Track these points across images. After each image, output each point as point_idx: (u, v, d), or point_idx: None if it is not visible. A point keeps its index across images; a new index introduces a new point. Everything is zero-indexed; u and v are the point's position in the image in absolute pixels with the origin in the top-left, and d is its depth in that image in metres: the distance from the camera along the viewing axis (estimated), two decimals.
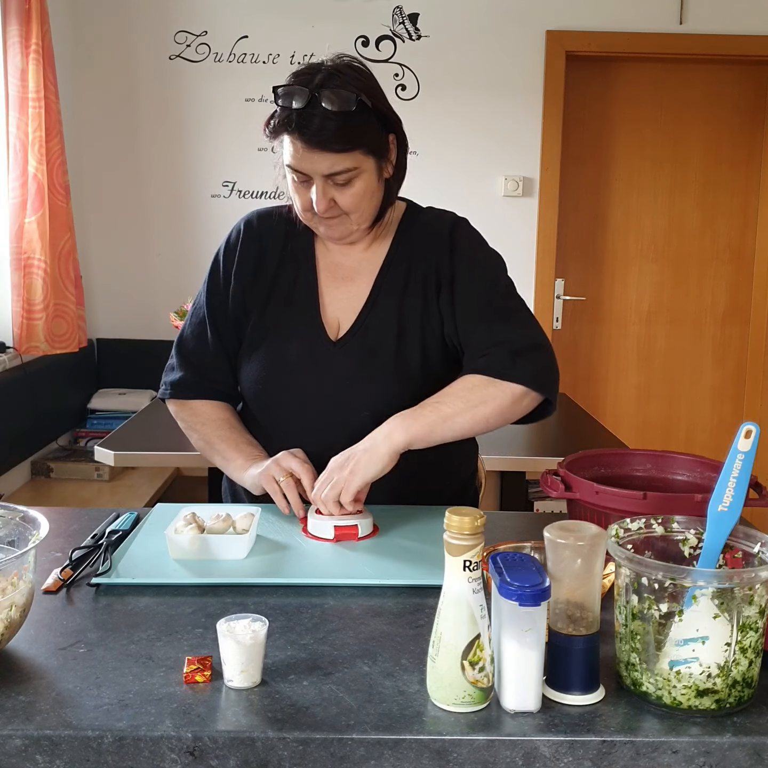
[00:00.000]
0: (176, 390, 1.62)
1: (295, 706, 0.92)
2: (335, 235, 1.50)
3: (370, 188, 1.45)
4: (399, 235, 1.57)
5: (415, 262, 1.54)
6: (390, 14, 3.93)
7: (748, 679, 0.93)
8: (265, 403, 1.58)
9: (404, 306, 1.53)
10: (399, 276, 1.55)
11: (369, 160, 1.43)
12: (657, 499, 1.24)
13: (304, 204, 1.45)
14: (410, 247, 1.56)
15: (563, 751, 0.88)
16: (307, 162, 1.39)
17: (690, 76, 4.13)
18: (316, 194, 1.42)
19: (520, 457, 2.48)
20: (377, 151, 1.44)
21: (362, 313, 1.54)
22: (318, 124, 1.36)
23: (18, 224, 3.35)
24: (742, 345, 4.33)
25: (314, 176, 1.41)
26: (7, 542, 1.09)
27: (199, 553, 1.30)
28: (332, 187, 1.42)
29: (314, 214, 1.46)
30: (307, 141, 1.37)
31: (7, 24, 3.31)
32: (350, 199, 1.43)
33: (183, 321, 1.68)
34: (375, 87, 1.45)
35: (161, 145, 4.01)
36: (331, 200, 1.43)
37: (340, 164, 1.39)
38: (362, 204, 1.45)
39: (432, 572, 1.22)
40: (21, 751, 0.87)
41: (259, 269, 1.58)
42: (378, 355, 1.52)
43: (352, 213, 1.45)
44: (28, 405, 3.42)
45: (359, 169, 1.41)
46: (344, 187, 1.42)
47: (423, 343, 1.52)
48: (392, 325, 1.53)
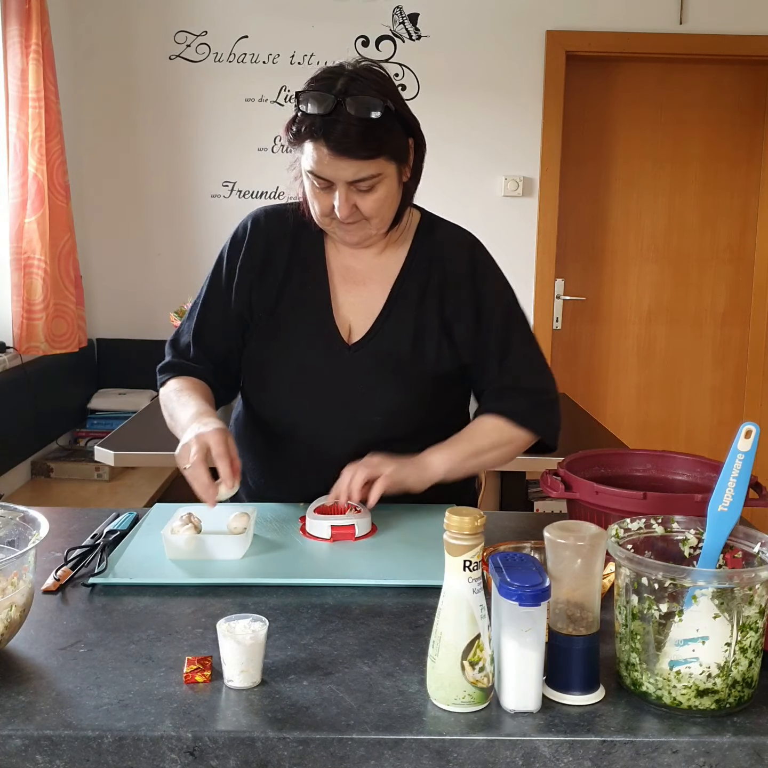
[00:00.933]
0: (163, 372, 1.59)
1: (295, 706, 0.92)
2: (354, 240, 1.49)
3: (391, 193, 1.44)
4: (415, 245, 1.57)
5: (433, 274, 1.54)
6: (390, 14, 3.93)
7: (748, 679, 0.93)
8: (275, 405, 1.57)
9: (421, 316, 1.53)
10: (416, 286, 1.54)
11: (391, 166, 1.41)
12: (657, 499, 1.24)
13: (324, 209, 1.43)
14: (428, 259, 1.55)
15: (563, 751, 0.88)
16: (332, 169, 1.37)
17: (690, 76, 4.13)
18: (339, 201, 1.40)
19: (520, 457, 2.47)
20: (399, 156, 1.43)
21: (379, 319, 1.53)
22: (343, 131, 1.34)
23: (18, 224, 3.35)
24: (742, 345, 4.32)
25: (337, 183, 1.39)
26: (7, 542, 1.09)
27: (195, 554, 1.29)
28: (355, 193, 1.40)
29: (333, 219, 1.44)
30: (332, 148, 1.35)
31: (7, 24, 3.31)
32: (372, 204, 1.42)
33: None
34: (396, 91, 1.43)
35: (161, 145, 4.01)
36: (354, 206, 1.41)
37: (365, 171, 1.37)
38: (383, 209, 1.44)
39: (432, 572, 1.22)
40: (21, 751, 0.87)
41: (267, 267, 1.56)
42: (392, 361, 1.52)
43: (373, 218, 1.44)
44: (28, 405, 3.42)
45: (382, 174, 1.40)
46: (367, 193, 1.40)
47: (438, 354, 1.53)
48: (408, 334, 1.53)
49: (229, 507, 1.43)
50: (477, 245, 1.59)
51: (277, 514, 1.48)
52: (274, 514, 1.48)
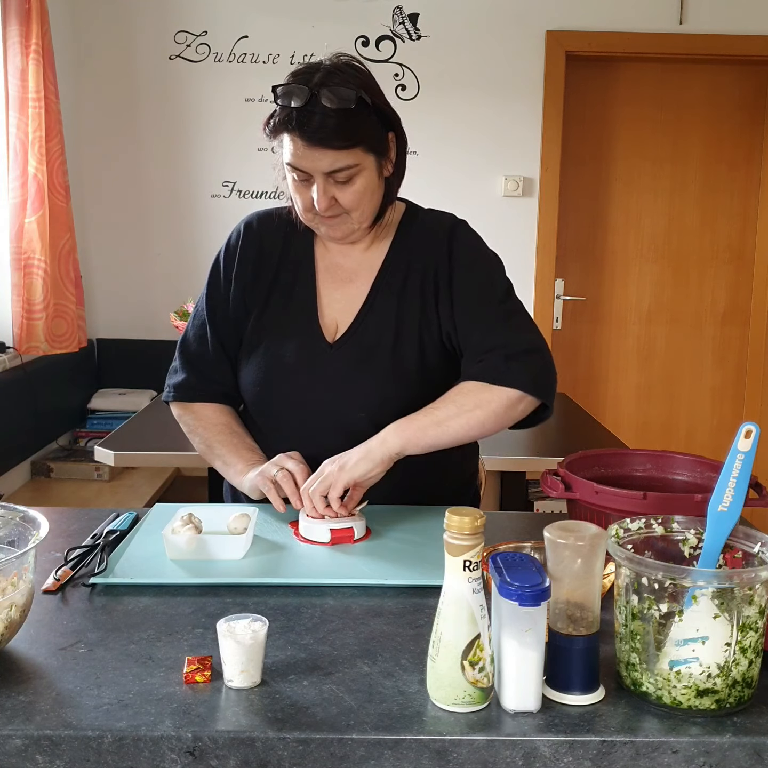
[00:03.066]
0: (179, 393, 1.62)
1: (295, 706, 0.92)
2: (337, 234, 1.50)
3: (370, 186, 1.45)
4: (398, 236, 1.57)
5: (413, 264, 1.54)
6: (390, 14, 3.93)
7: (748, 679, 0.93)
8: (262, 406, 1.59)
9: (402, 307, 1.53)
10: (397, 278, 1.54)
11: (369, 158, 1.43)
12: (657, 499, 1.24)
13: (305, 204, 1.45)
14: (409, 248, 1.56)
15: (563, 751, 0.88)
16: (308, 160, 1.39)
17: (690, 76, 4.13)
18: (317, 192, 1.42)
19: (520, 457, 2.48)
20: (377, 148, 1.44)
21: (360, 314, 1.54)
22: (318, 122, 1.36)
23: (18, 224, 3.35)
24: (742, 345, 4.32)
25: (315, 174, 1.41)
26: (7, 542, 1.09)
27: (196, 554, 1.29)
28: (333, 185, 1.42)
29: (315, 214, 1.45)
30: (307, 139, 1.37)
31: (7, 24, 3.31)
32: (351, 196, 1.43)
33: (183, 321, 1.68)
34: (374, 85, 1.45)
35: (161, 145, 4.01)
36: (332, 198, 1.43)
37: (341, 161, 1.39)
38: (363, 202, 1.45)
39: (432, 572, 1.22)
40: (21, 751, 0.87)
41: (259, 271, 1.58)
42: (374, 356, 1.52)
43: (353, 211, 1.45)
44: (28, 405, 3.42)
45: (360, 166, 1.41)
46: (345, 185, 1.42)
47: (420, 345, 1.52)
48: (389, 327, 1.53)
49: (229, 507, 1.43)
50: (457, 225, 1.56)
51: (275, 515, 1.48)
52: (273, 515, 1.48)
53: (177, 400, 1.63)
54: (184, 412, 1.63)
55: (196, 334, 1.62)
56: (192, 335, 1.62)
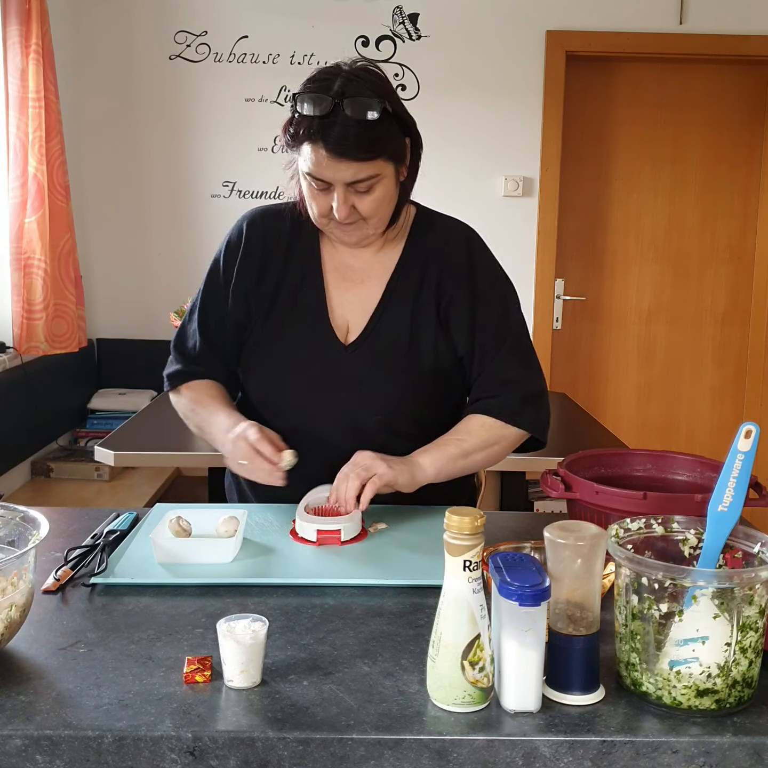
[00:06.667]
0: (173, 380, 1.62)
1: (295, 706, 0.92)
2: (352, 240, 1.49)
3: (389, 193, 1.44)
4: (411, 239, 1.57)
5: (429, 269, 1.54)
6: (390, 14, 3.93)
7: (748, 679, 0.93)
8: (274, 407, 1.57)
9: (417, 311, 1.53)
10: (412, 281, 1.54)
11: (389, 166, 1.41)
12: (657, 499, 1.24)
13: (322, 210, 1.44)
14: (424, 252, 1.55)
15: (563, 751, 0.88)
16: (330, 170, 1.37)
17: (690, 76, 4.13)
18: (337, 202, 1.40)
19: (520, 457, 2.46)
20: (397, 156, 1.43)
21: (374, 316, 1.53)
22: (341, 133, 1.34)
23: (18, 224, 3.35)
24: (742, 345, 4.32)
25: (336, 184, 1.39)
26: (7, 542, 1.09)
27: (184, 557, 1.28)
28: (353, 194, 1.40)
29: (331, 219, 1.44)
30: (330, 150, 1.35)
31: (7, 24, 3.31)
32: (371, 205, 1.42)
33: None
34: (392, 91, 1.43)
35: (161, 146, 4.01)
36: (352, 206, 1.42)
37: (364, 172, 1.37)
38: (381, 209, 1.44)
39: (432, 572, 1.22)
40: (21, 751, 0.87)
41: (264, 268, 1.56)
42: (390, 358, 1.52)
43: (371, 218, 1.44)
44: (28, 405, 3.42)
45: (381, 175, 1.40)
46: (365, 194, 1.41)
47: (435, 348, 1.53)
48: (405, 329, 1.52)
49: (218, 510, 1.41)
50: (473, 237, 1.58)
51: (276, 516, 1.47)
52: (274, 516, 1.48)
53: (173, 386, 1.62)
54: (179, 398, 1.62)
55: (189, 330, 1.61)
56: (184, 331, 1.62)
